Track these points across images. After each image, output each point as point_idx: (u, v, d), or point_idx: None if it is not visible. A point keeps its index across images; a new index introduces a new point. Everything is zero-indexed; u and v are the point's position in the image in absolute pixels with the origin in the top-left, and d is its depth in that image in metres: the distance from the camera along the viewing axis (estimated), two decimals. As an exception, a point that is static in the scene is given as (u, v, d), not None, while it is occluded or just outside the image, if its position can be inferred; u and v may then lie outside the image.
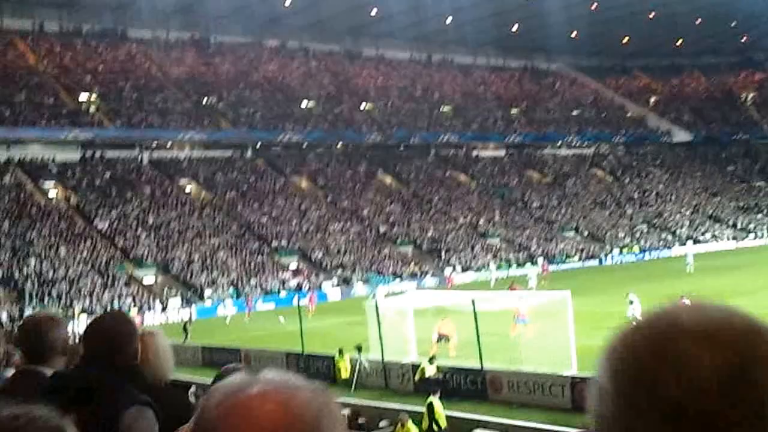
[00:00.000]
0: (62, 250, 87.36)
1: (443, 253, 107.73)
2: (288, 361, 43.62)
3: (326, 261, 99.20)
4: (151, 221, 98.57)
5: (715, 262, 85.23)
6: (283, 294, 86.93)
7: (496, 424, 28.50)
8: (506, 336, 39.44)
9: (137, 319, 74.74)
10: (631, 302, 47.05)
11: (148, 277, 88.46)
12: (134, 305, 79.85)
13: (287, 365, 43.28)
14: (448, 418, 29.89)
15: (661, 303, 1.66)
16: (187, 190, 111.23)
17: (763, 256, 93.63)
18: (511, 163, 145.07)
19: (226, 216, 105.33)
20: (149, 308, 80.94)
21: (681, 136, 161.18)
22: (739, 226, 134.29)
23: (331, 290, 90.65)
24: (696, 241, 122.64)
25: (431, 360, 35.74)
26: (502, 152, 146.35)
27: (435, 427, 27.65)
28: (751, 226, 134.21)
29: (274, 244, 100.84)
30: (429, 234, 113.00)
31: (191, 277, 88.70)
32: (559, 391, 31.92)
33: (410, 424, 26.84)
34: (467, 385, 34.75)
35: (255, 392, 1.72)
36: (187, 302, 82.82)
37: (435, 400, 27.94)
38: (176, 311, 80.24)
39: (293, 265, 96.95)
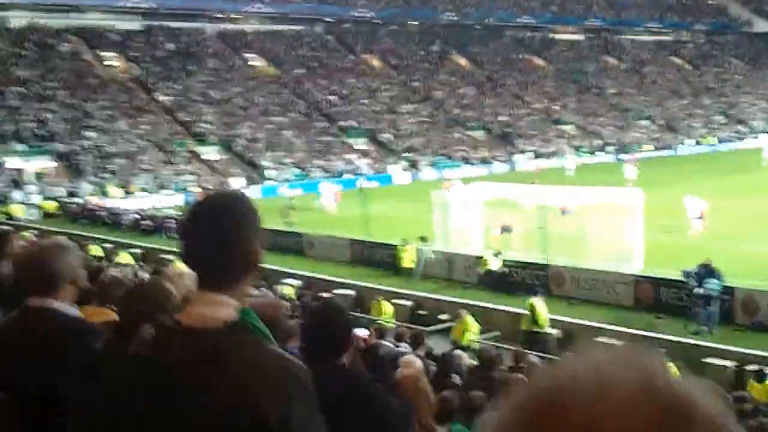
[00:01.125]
0: (121, 124, 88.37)
1: (515, 138, 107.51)
2: (353, 248, 44.37)
3: (395, 143, 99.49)
4: (215, 96, 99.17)
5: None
6: (349, 176, 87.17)
7: (557, 322, 29.13)
8: (575, 231, 39.51)
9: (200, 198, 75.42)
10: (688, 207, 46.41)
11: (211, 155, 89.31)
12: (196, 183, 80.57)
13: (351, 252, 44.03)
14: (509, 314, 30.58)
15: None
16: (254, 65, 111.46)
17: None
18: (589, 47, 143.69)
19: (293, 94, 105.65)
20: (210, 187, 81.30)
21: (762, 26, 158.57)
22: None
23: (399, 173, 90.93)
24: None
25: (496, 254, 36.27)
26: (580, 36, 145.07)
27: (535, 327, 27.81)
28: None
29: (342, 124, 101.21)
30: (501, 119, 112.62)
31: (254, 155, 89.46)
32: (622, 289, 32.38)
33: (468, 318, 27.39)
34: (531, 280, 35.24)
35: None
36: (250, 181, 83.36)
37: (537, 301, 28.04)
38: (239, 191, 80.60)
39: (361, 146, 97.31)
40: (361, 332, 13.44)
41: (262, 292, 21.22)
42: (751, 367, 23.06)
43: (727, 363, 24.28)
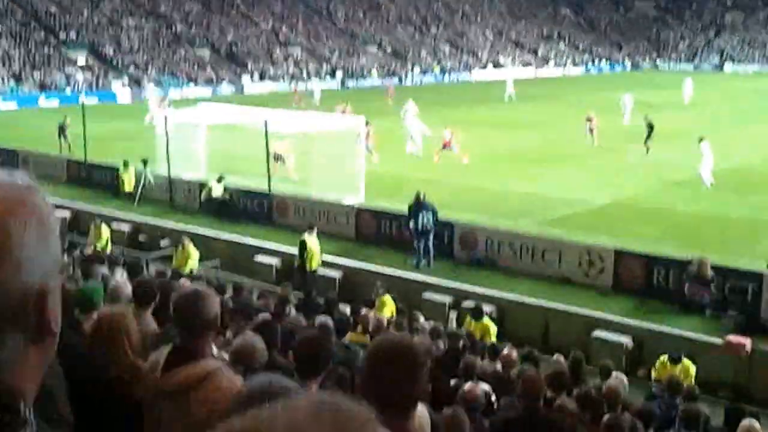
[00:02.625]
0: None
1: (242, 59, 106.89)
2: (69, 168, 43.35)
3: (117, 58, 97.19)
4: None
5: (528, 91, 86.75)
6: (68, 91, 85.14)
7: (278, 252, 29.31)
8: (298, 159, 39.73)
9: None
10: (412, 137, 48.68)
11: None
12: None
13: (68, 172, 43.02)
14: (231, 243, 30.55)
15: None
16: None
17: (570, 86, 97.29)
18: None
19: (11, 1, 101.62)
20: None
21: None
22: (540, 53, 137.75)
23: (121, 90, 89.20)
24: (496, 66, 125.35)
25: (219, 179, 35.99)
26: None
27: (307, 266, 26.88)
28: (552, 54, 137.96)
29: (62, 36, 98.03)
30: (228, 38, 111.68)
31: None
32: (344, 220, 32.76)
33: (190, 246, 27.11)
34: (254, 208, 35.33)
35: None
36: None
37: (309, 237, 27.16)
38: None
39: (81, 61, 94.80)
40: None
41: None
42: (467, 304, 23.78)
43: (445, 298, 24.96)
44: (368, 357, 4.10)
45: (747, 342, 21.18)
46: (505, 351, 16.58)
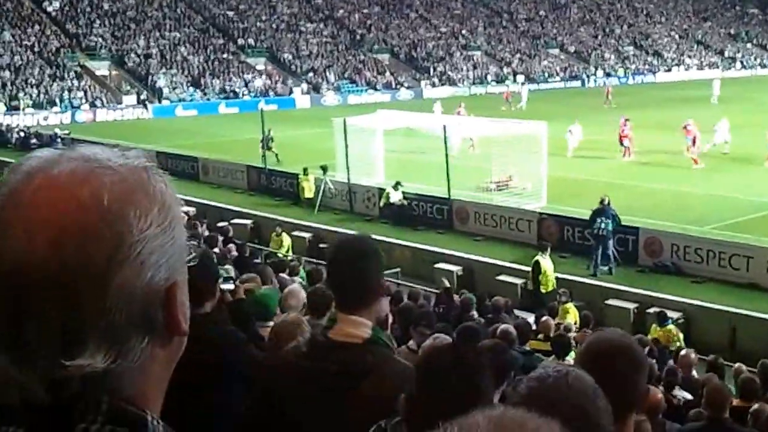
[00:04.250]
0: (6, 35, 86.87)
1: (421, 63, 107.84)
2: (249, 175, 44.57)
3: (296, 64, 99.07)
4: (106, 7, 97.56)
5: (724, 93, 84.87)
6: (247, 97, 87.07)
7: (459, 259, 29.76)
8: (479, 164, 39.96)
9: (89, 116, 75.19)
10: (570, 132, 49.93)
11: (102, 70, 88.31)
12: (86, 100, 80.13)
13: (248, 180, 44.14)
14: (411, 250, 31.08)
15: None
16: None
17: (760, 87, 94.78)
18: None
19: (189, 7, 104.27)
20: (102, 104, 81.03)
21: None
22: (726, 54, 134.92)
23: (300, 97, 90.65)
24: (681, 67, 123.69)
25: (396, 186, 36.48)
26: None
27: (541, 289, 26.47)
28: (739, 55, 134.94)
29: (240, 42, 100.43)
30: (407, 41, 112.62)
31: (148, 72, 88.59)
32: (525, 226, 32.94)
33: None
34: (433, 214, 35.76)
35: (55, 173, 1.53)
36: (143, 101, 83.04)
37: (543, 259, 26.84)
38: (131, 109, 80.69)
39: (260, 66, 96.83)
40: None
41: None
42: (652, 310, 23.89)
43: (628, 305, 25.10)
44: (583, 355, 3.86)
45: None
46: (683, 352, 16.77)
